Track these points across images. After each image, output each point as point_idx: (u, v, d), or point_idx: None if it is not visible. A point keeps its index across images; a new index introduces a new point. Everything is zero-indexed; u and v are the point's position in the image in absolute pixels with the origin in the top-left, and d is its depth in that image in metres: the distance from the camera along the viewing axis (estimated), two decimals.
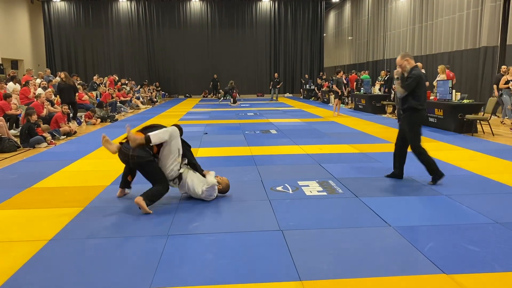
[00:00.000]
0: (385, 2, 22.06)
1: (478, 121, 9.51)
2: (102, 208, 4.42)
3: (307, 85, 24.78)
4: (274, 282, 2.79)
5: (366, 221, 3.94)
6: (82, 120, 12.43)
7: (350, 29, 27.88)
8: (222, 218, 4.11)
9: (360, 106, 15.90)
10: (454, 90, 10.15)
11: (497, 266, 2.99)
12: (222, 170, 5.64)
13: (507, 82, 10.94)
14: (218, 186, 4.62)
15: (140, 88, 21.96)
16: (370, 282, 2.79)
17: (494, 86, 11.60)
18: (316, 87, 22.61)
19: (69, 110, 11.08)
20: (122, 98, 16.82)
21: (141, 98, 19.65)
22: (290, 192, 4.94)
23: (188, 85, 27.72)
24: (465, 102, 9.72)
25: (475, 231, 3.63)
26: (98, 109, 13.04)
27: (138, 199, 4.20)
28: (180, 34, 27.04)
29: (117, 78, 20.30)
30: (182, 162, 4.54)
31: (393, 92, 13.97)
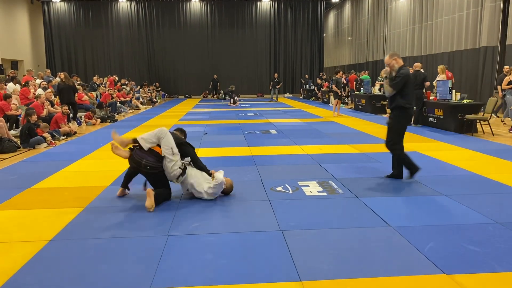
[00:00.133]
0: (385, 2, 22.06)
1: (478, 121, 9.52)
2: (102, 208, 4.43)
3: (307, 85, 24.78)
4: (274, 283, 2.79)
5: (366, 221, 3.94)
6: (82, 120, 12.44)
7: (350, 29, 27.89)
8: (222, 218, 4.11)
9: (360, 106, 15.90)
10: (454, 90, 10.15)
11: (497, 266, 2.99)
12: (222, 170, 5.62)
13: (510, 83, 10.89)
14: (224, 183, 4.65)
15: (140, 88, 21.96)
16: (370, 282, 2.79)
17: (499, 87, 11.48)
18: (316, 87, 22.61)
19: (69, 111, 11.08)
20: (122, 99, 16.82)
21: (141, 99, 19.65)
22: (290, 192, 4.94)
23: (188, 85, 27.72)
24: (465, 102, 9.72)
25: (475, 231, 3.63)
26: (98, 109, 13.04)
27: (149, 190, 4.32)
28: (180, 34, 27.04)
29: (117, 78, 20.31)
30: (182, 160, 4.56)
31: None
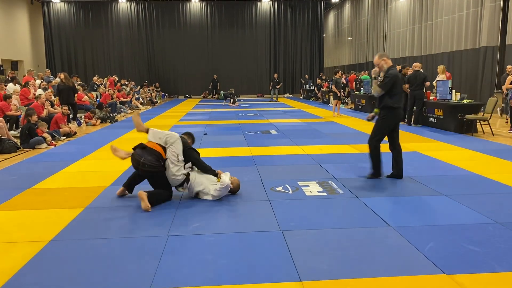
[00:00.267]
0: (384, 2, 22.06)
1: (478, 121, 9.52)
2: (102, 209, 4.42)
3: (307, 85, 24.78)
4: (274, 283, 2.79)
5: (366, 221, 3.94)
6: (82, 121, 12.44)
7: (350, 29, 27.89)
8: (222, 218, 4.11)
9: (360, 106, 15.90)
10: (454, 90, 10.15)
11: (497, 266, 2.99)
12: (222, 170, 5.62)
13: None
14: (230, 186, 4.67)
15: (140, 89, 21.96)
16: (370, 282, 2.79)
17: (503, 87, 11.46)
18: (316, 88, 22.62)
19: (69, 111, 11.08)
20: (122, 99, 16.83)
21: (141, 99, 19.65)
22: (290, 192, 4.94)
23: (188, 85, 27.72)
24: (465, 102, 9.72)
25: (475, 231, 3.63)
26: (98, 110, 13.04)
27: (141, 192, 4.28)
28: (180, 34, 27.04)
29: (117, 78, 20.30)
30: (185, 166, 4.57)
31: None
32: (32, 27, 25.07)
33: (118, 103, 15.93)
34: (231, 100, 19.97)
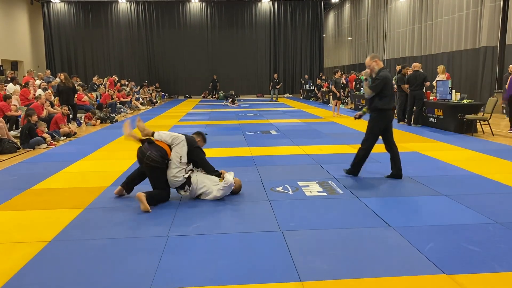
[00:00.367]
0: (384, 3, 22.07)
1: (478, 121, 9.52)
2: (102, 209, 4.43)
3: (307, 85, 24.79)
4: (274, 283, 2.79)
5: (366, 221, 3.94)
6: (82, 121, 12.44)
7: (350, 29, 27.90)
8: (222, 218, 4.11)
9: (360, 107, 15.89)
10: (454, 90, 10.15)
11: (497, 266, 2.99)
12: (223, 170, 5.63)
13: None
14: (233, 185, 4.67)
15: (140, 89, 21.96)
16: (370, 282, 2.79)
17: (506, 87, 11.44)
18: (315, 88, 22.62)
19: (68, 112, 11.07)
20: (122, 99, 16.83)
21: (140, 99, 19.65)
22: (290, 192, 4.94)
23: (188, 86, 27.72)
24: (464, 102, 9.72)
25: (475, 231, 3.63)
26: (98, 110, 13.04)
27: (139, 194, 4.27)
28: (179, 35, 27.04)
29: (117, 79, 20.30)
30: (187, 168, 4.56)
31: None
32: (32, 28, 25.07)
33: (118, 104, 15.93)
34: (230, 99, 20.01)
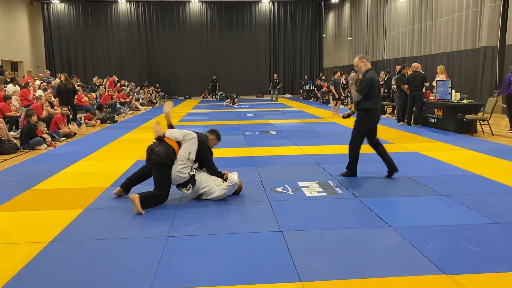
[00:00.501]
0: (384, 3, 22.08)
1: (478, 121, 9.52)
2: (102, 209, 4.43)
3: (306, 85, 24.79)
4: (274, 283, 2.79)
5: (366, 221, 3.94)
6: (82, 121, 12.44)
7: (350, 29, 27.90)
8: (222, 219, 4.11)
9: None
10: (453, 90, 10.15)
11: (497, 266, 2.99)
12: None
13: None
14: (237, 184, 4.68)
15: (139, 89, 21.96)
16: (370, 282, 2.79)
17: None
18: (315, 88, 22.63)
19: (68, 112, 11.07)
20: (121, 100, 16.83)
21: (140, 100, 19.65)
22: (290, 193, 4.94)
23: (188, 86, 27.74)
24: (464, 102, 9.72)
25: (475, 231, 3.63)
26: (97, 111, 13.04)
27: (133, 196, 4.26)
28: (179, 35, 27.06)
29: (116, 79, 20.30)
30: (193, 166, 4.56)
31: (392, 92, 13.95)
32: (31, 28, 25.08)
33: (118, 104, 15.93)
34: (228, 100, 20.08)
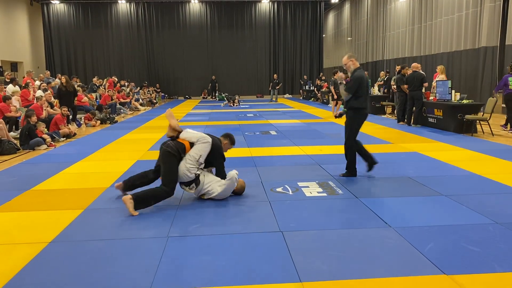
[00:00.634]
0: (384, 3, 22.08)
1: (478, 121, 9.52)
2: (102, 210, 4.43)
3: (306, 86, 24.79)
4: (274, 284, 2.79)
5: (366, 222, 3.94)
6: (82, 122, 12.44)
7: (350, 30, 27.90)
8: (222, 219, 4.11)
9: None
10: (453, 90, 10.15)
11: (497, 266, 2.99)
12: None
13: None
14: (237, 181, 4.67)
15: (139, 89, 21.97)
16: (370, 283, 2.79)
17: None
18: (315, 88, 22.63)
19: (68, 112, 11.07)
20: (121, 100, 16.83)
21: (140, 100, 19.65)
22: (290, 193, 4.94)
23: (187, 86, 27.76)
24: (464, 102, 9.72)
25: (475, 231, 3.63)
26: (97, 111, 13.04)
27: (125, 198, 4.21)
28: (179, 35, 27.08)
29: (116, 79, 20.30)
30: (199, 167, 4.55)
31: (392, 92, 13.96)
32: (31, 28, 25.08)
33: (118, 104, 15.93)
34: (226, 101, 20.13)
